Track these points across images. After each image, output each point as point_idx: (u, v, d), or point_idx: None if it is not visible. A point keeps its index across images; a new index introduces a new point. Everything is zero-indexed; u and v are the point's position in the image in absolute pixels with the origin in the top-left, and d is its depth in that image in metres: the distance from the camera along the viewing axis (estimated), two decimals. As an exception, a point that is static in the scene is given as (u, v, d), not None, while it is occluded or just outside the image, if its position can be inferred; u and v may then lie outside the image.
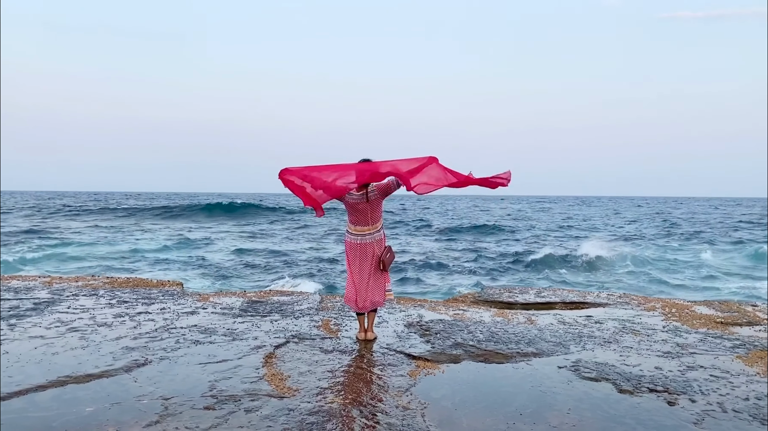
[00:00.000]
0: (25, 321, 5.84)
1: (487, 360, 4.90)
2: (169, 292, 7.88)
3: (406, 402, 3.87)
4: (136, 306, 6.81)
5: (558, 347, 5.31)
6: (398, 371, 4.54)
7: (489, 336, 5.64)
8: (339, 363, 4.68)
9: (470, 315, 6.76)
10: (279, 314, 6.53)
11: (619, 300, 7.91)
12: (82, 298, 7.18)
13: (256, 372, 4.39)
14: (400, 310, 6.89)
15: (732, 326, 6.39)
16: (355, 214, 5.16)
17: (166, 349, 4.95)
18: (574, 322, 6.43)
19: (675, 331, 6.03)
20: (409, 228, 41.48)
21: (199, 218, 46.48)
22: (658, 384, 4.29)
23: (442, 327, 5.98)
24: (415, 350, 5.12)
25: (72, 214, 48.58)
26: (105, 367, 4.41)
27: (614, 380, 4.38)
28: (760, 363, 4.87)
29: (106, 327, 5.66)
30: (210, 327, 5.81)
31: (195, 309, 6.69)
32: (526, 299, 7.93)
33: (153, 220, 44.79)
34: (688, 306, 7.55)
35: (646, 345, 5.44)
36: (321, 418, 3.53)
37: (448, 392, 4.09)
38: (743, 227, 45.73)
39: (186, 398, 3.81)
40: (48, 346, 4.94)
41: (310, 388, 4.07)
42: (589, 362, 4.84)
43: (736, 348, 5.35)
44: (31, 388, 3.93)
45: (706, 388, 4.24)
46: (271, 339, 5.34)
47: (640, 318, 6.73)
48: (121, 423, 3.40)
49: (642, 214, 68.12)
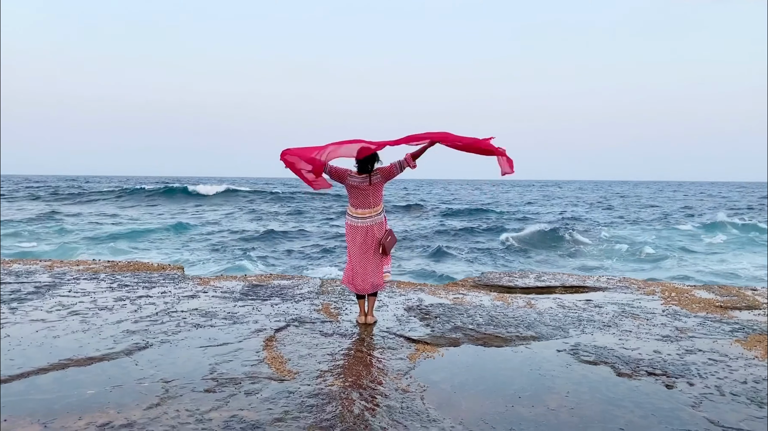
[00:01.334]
0: (26, 304, 5.86)
1: (486, 343, 4.92)
2: (170, 276, 7.90)
3: (405, 385, 3.89)
4: (136, 289, 6.83)
5: (557, 331, 5.33)
6: (398, 354, 4.56)
7: (488, 319, 5.65)
8: (339, 347, 4.70)
9: (470, 299, 6.78)
10: (279, 298, 6.55)
11: (619, 284, 7.92)
12: (83, 282, 7.20)
13: (257, 355, 4.41)
14: (400, 294, 6.91)
15: (731, 310, 6.40)
16: (356, 197, 5.16)
17: (167, 332, 4.97)
18: (574, 306, 6.44)
19: (674, 315, 6.04)
20: (410, 212, 41.51)
21: (201, 201, 46.47)
22: (656, 368, 4.31)
23: (442, 311, 6.00)
24: (415, 333, 5.13)
25: (79, 198, 48.54)
26: (106, 350, 4.43)
27: (613, 363, 4.40)
28: (759, 347, 4.89)
29: (107, 311, 5.68)
30: (210, 310, 5.83)
31: (195, 293, 6.70)
32: (525, 283, 7.95)
33: (148, 202, 44.89)
34: (688, 290, 7.57)
35: (645, 328, 5.46)
36: (321, 401, 3.55)
37: (447, 375, 4.11)
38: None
39: (186, 381, 3.83)
40: (49, 329, 4.96)
41: (310, 371, 4.09)
42: (588, 346, 4.86)
43: (735, 332, 5.37)
44: (33, 371, 3.95)
45: (705, 372, 4.26)
46: (271, 323, 5.36)
47: (640, 302, 6.74)
48: (122, 405, 3.42)
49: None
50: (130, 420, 3.22)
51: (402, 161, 5.10)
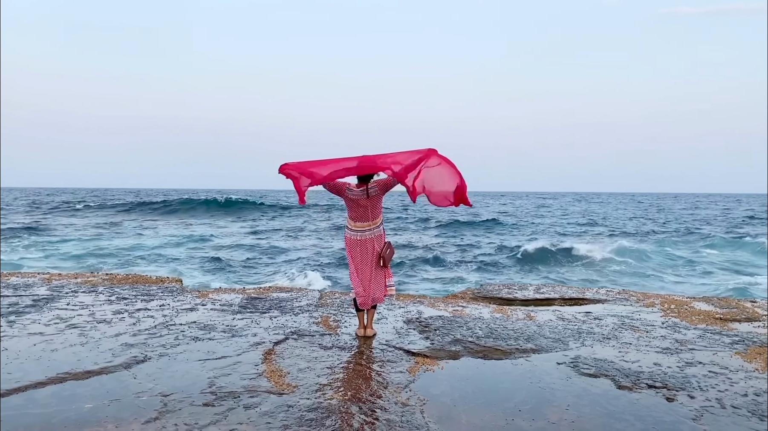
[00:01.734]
0: (24, 317, 5.84)
1: (486, 356, 4.90)
2: (169, 289, 7.88)
3: (405, 399, 3.87)
4: (135, 302, 6.81)
5: (557, 343, 5.31)
6: (397, 367, 4.54)
7: (488, 332, 5.64)
8: (338, 360, 4.68)
9: (469, 311, 6.76)
10: (278, 310, 6.53)
11: (618, 296, 7.91)
12: (81, 295, 7.18)
13: (256, 368, 4.39)
14: (399, 307, 6.90)
15: (731, 322, 6.39)
16: (355, 210, 5.16)
17: (166, 346, 4.95)
18: (573, 318, 6.43)
19: (674, 327, 6.03)
20: (408, 223, 41.52)
21: (198, 214, 46.45)
22: (656, 380, 4.29)
23: (442, 323, 5.98)
24: (415, 346, 5.12)
25: (72, 211, 48.54)
26: (104, 364, 4.41)
27: (613, 376, 4.39)
28: (759, 359, 4.88)
29: (105, 324, 5.66)
30: (209, 323, 5.81)
31: (194, 306, 6.68)
32: (525, 295, 7.94)
33: (152, 216, 44.79)
34: (687, 302, 7.56)
35: (645, 341, 5.45)
36: (320, 414, 3.54)
37: (447, 388, 4.10)
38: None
39: (185, 395, 3.81)
40: (47, 343, 4.94)
41: (310, 385, 4.07)
42: (588, 358, 4.84)
43: (735, 344, 5.35)
44: (30, 385, 3.93)
45: (705, 384, 4.24)
46: (270, 336, 5.35)
47: (639, 314, 6.73)
48: (120, 419, 3.40)
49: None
50: (128, 434, 3.20)
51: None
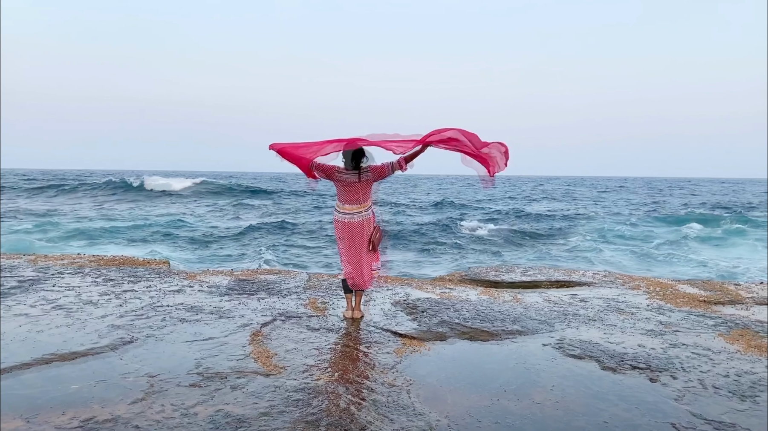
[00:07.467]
0: (9, 299, 5.79)
1: (472, 338, 4.94)
2: (156, 270, 7.84)
3: (392, 379, 3.90)
4: (122, 284, 6.77)
5: (543, 325, 5.36)
6: (385, 349, 4.57)
7: (475, 314, 5.68)
8: (326, 341, 4.70)
9: (457, 293, 6.80)
10: (266, 292, 6.52)
11: (605, 279, 7.99)
12: (67, 276, 7.12)
13: (243, 349, 4.39)
14: (387, 289, 6.92)
15: (715, 305, 6.48)
16: (345, 193, 5.13)
17: (152, 327, 4.93)
18: (560, 301, 6.49)
19: (659, 310, 6.11)
20: (399, 206, 41.51)
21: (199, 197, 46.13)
22: (640, 362, 4.35)
23: (429, 305, 6.01)
24: (402, 328, 5.14)
25: (63, 192, 48.02)
26: (90, 345, 4.39)
27: (598, 357, 4.44)
28: (741, 341, 4.96)
29: (91, 305, 5.62)
30: (197, 305, 5.80)
31: (182, 288, 6.66)
32: (512, 278, 7.99)
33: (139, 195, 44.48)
34: (672, 285, 7.65)
35: (629, 323, 5.51)
36: (307, 395, 3.55)
37: (433, 369, 4.13)
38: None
39: (172, 375, 3.81)
40: (33, 324, 4.91)
41: (297, 366, 4.08)
42: (573, 340, 4.89)
43: (718, 326, 5.43)
44: (16, 366, 3.90)
45: (688, 365, 4.31)
46: (258, 317, 5.35)
47: (625, 296, 6.81)
48: (107, 400, 3.39)
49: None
50: (115, 415, 3.20)
51: (395, 163, 5.06)
